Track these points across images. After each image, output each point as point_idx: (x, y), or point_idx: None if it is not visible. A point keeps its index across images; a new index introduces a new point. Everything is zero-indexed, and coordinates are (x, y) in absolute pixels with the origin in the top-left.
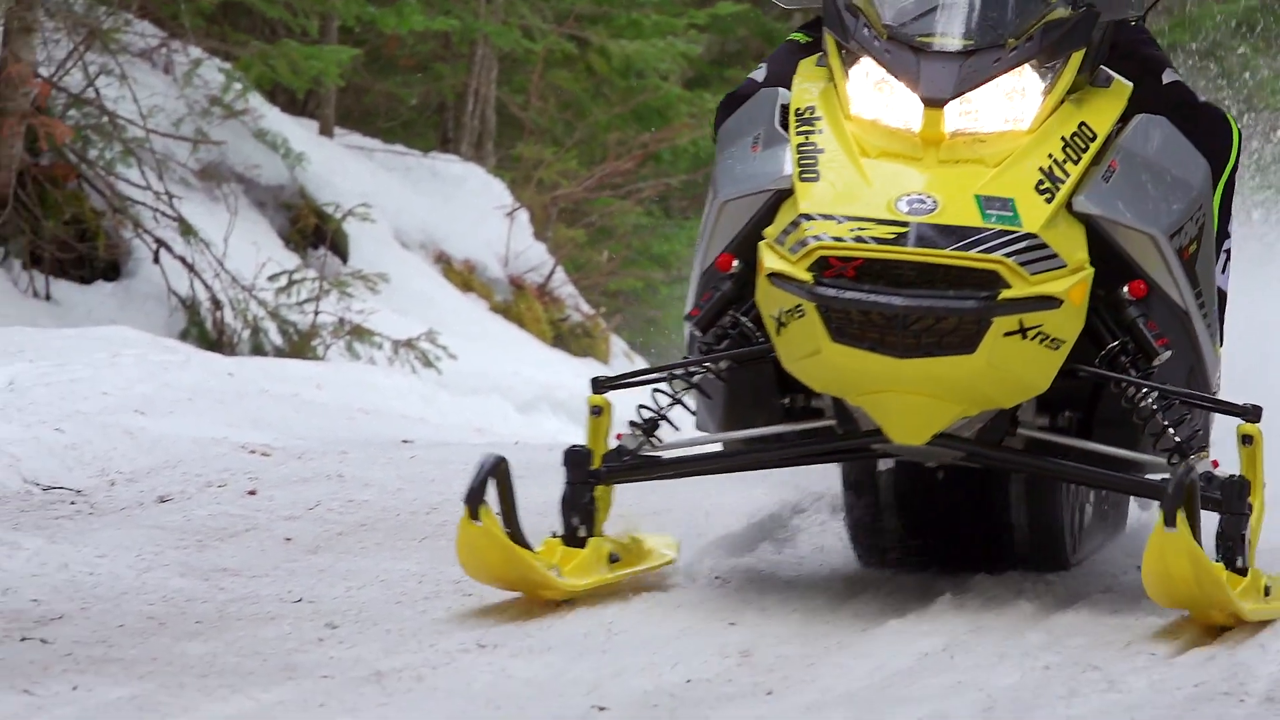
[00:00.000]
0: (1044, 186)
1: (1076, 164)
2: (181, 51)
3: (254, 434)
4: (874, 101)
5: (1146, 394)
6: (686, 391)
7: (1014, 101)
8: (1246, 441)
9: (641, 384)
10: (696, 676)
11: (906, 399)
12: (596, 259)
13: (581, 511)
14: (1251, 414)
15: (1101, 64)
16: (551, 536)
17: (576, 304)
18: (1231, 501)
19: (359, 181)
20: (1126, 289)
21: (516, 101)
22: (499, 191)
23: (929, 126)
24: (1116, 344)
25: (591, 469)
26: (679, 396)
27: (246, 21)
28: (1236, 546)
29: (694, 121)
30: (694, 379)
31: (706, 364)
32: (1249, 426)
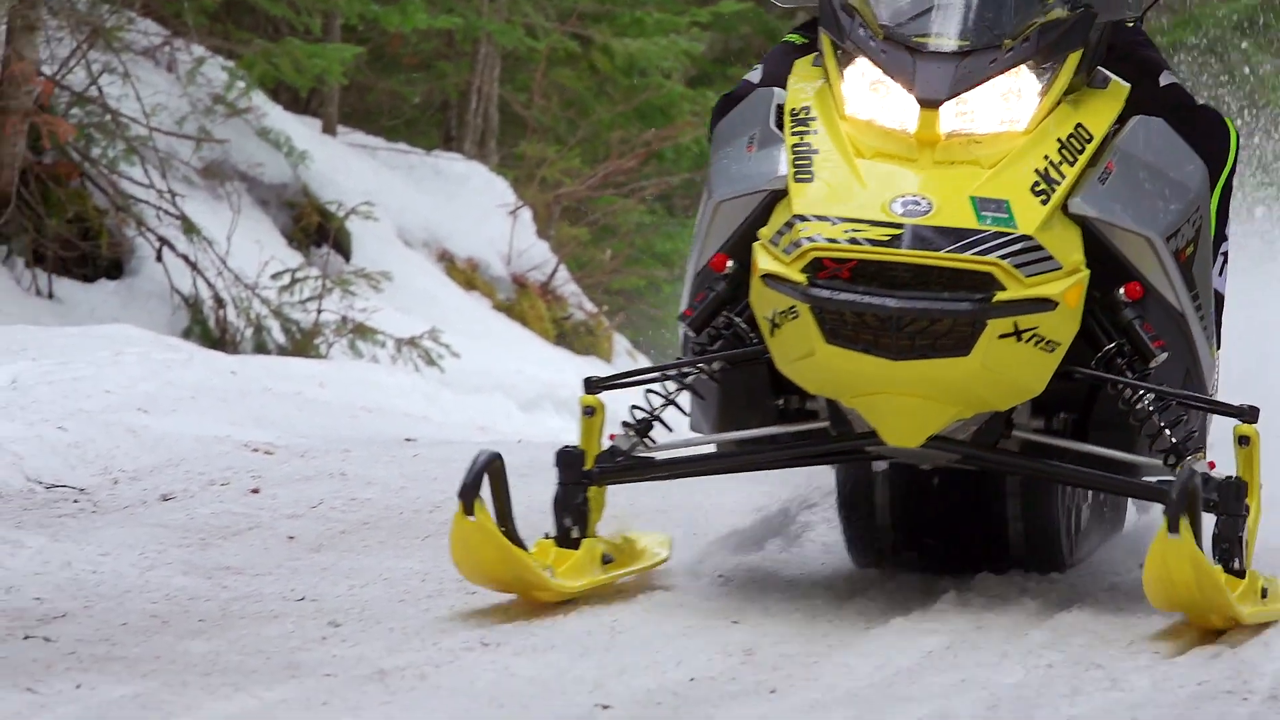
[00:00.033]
0: (1040, 188)
1: (1073, 165)
2: (184, 50)
3: (257, 432)
4: (869, 102)
5: (1143, 396)
6: (680, 392)
7: (1010, 103)
8: (1243, 443)
9: (635, 384)
10: (700, 675)
11: (901, 401)
12: (599, 257)
13: (574, 512)
14: (1248, 415)
15: (1099, 65)
16: (545, 538)
17: (579, 302)
18: (1229, 503)
19: (362, 180)
20: (1123, 291)
21: (519, 100)
22: (502, 190)
23: (924, 127)
24: (1113, 346)
25: (584, 470)
26: (672, 397)
27: (249, 20)
28: (1234, 548)
29: (697, 120)
30: (687, 380)
31: (700, 365)
32: (1246, 427)
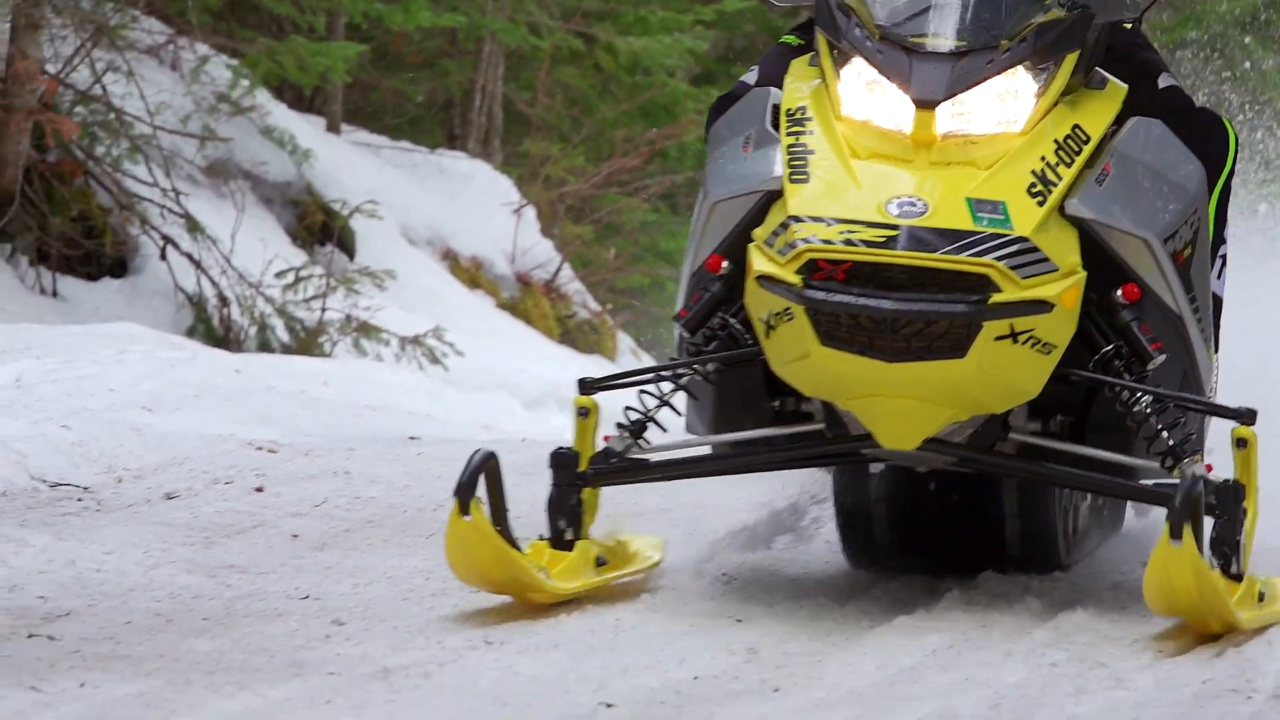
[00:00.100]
0: (1036, 189)
1: (1069, 167)
2: (188, 48)
3: (261, 431)
4: (865, 102)
5: (1140, 398)
6: (675, 394)
7: (1007, 103)
8: (1241, 445)
9: (630, 385)
10: (703, 673)
11: (896, 403)
12: (603, 256)
13: (568, 514)
14: (1246, 417)
15: (1096, 66)
16: (539, 539)
17: (583, 301)
18: (1227, 506)
19: (366, 178)
20: (1120, 293)
21: (523, 98)
22: (506, 188)
23: (920, 128)
24: (1110, 348)
25: (578, 471)
26: (667, 399)
27: (253, 18)
28: (1232, 552)
29: (701, 118)
30: (682, 381)
31: (695, 366)
32: (1244, 430)
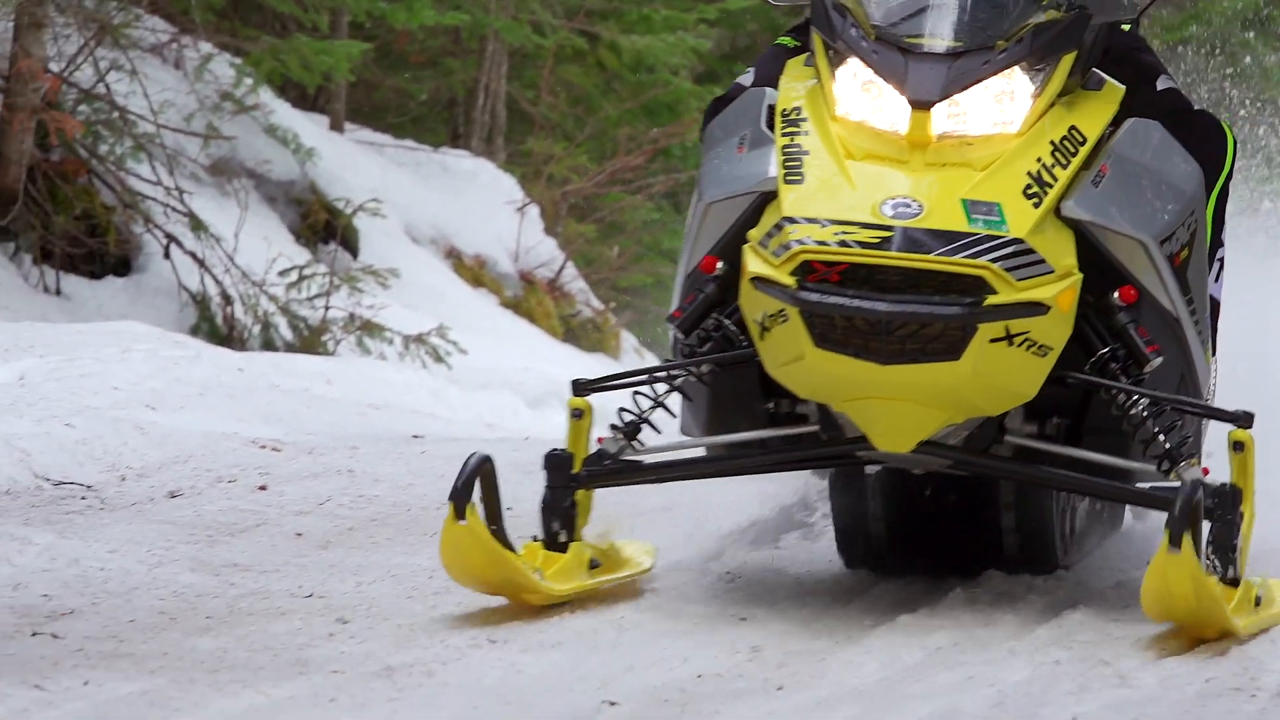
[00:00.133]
0: (1032, 191)
1: (1065, 168)
2: (192, 47)
3: (264, 429)
4: (861, 103)
5: (1137, 401)
6: (669, 395)
7: (1003, 104)
8: (1238, 448)
9: (624, 387)
10: (707, 672)
11: (891, 406)
12: (607, 254)
13: (562, 516)
14: (1243, 420)
15: (1094, 67)
16: (533, 540)
17: (587, 299)
18: (1224, 510)
19: (369, 177)
20: (1117, 295)
21: (527, 97)
22: (509, 187)
23: (916, 129)
24: (1106, 350)
25: (572, 473)
26: (661, 400)
27: (257, 17)
28: (1228, 556)
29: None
30: (676, 382)
31: (689, 368)
32: (1241, 433)
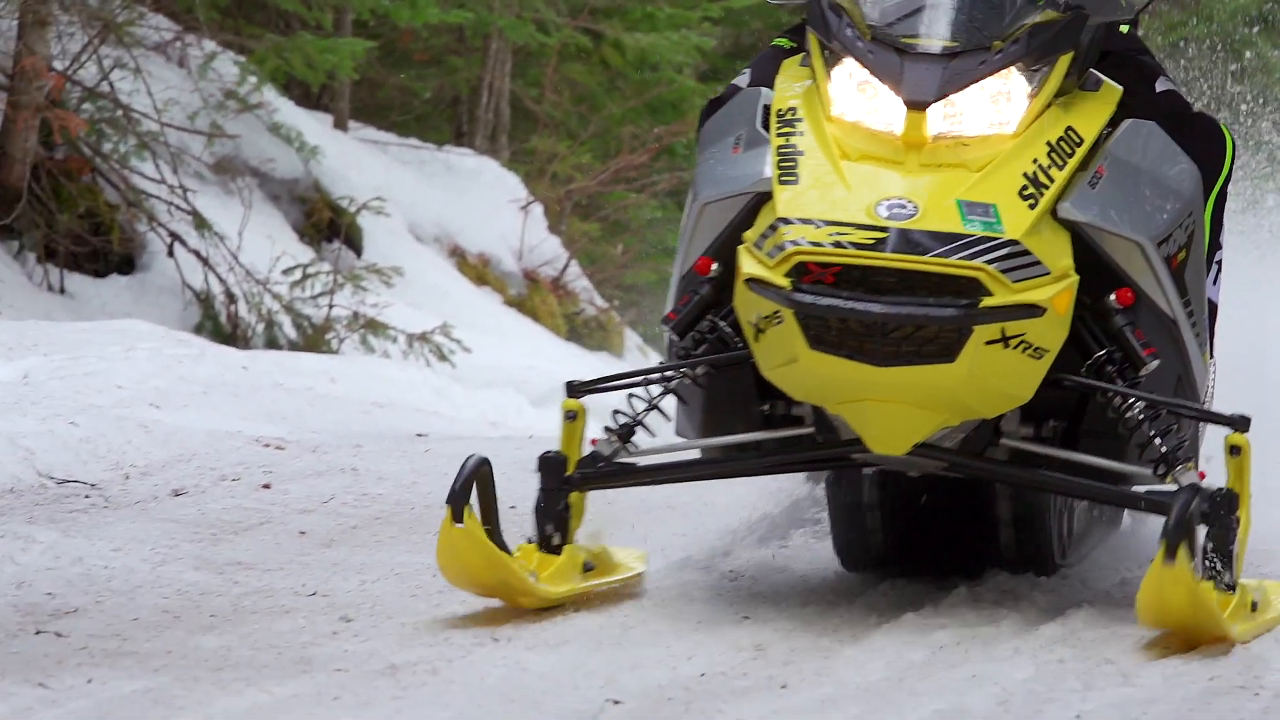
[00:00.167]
0: (1028, 192)
1: (1062, 169)
2: (196, 45)
3: (268, 427)
4: (856, 103)
5: (1133, 404)
6: (664, 397)
7: (999, 105)
8: (1234, 452)
9: (619, 389)
10: (711, 670)
11: (886, 408)
12: (611, 252)
13: (556, 518)
14: (1240, 424)
15: (1091, 68)
16: (526, 542)
17: (591, 298)
18: (1220, 515)
19: (373, 175)
20: (1113, 297)
21: (531, 95)
22: (513, 185)
23: (911, 129)
24: (1103, 353)
25: (566, 475)
26: (655, 402)
27: (261, 15)
28: (1225, 562)
29: None
30: (671, 384)
31: (684, 369)
32: (1237, 437)
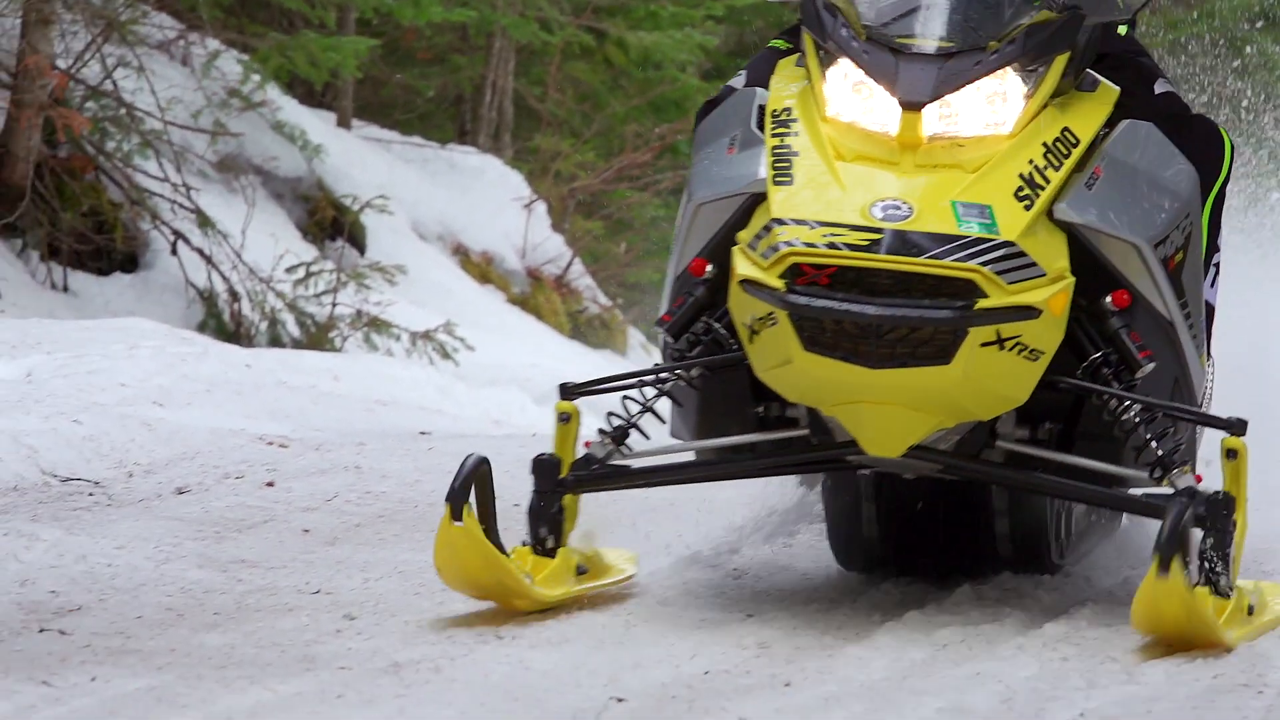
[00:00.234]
0: (1024, 193)
1: (1058, 170)
2: (199, 43)
3: (271, 425)
4: (851, 103)
5: (1129, 407)
6: (658, 399)
7: (995, 105)
8: (1231, 456)
9: (613, 391)
10: (715, 668)
11: (880, 410)
12: (614, 251)
13: (550, 521)
14: (1236, 427)
15: (1088, 69)
16: (521, 545)
17: (594, 296)
18: (1217, 520)
19: (377, 173)
20: (1109, 299)
21: (534, 93)
22: (516, 183)
23: (906, 130)
24: (1099, 355)
25: (559, 478)
26: (650, 404)
27: (264, 13)
28: (1221, 566)
29: None
30: (666, 386)
31: (679, 371)
32: (1234, 441)
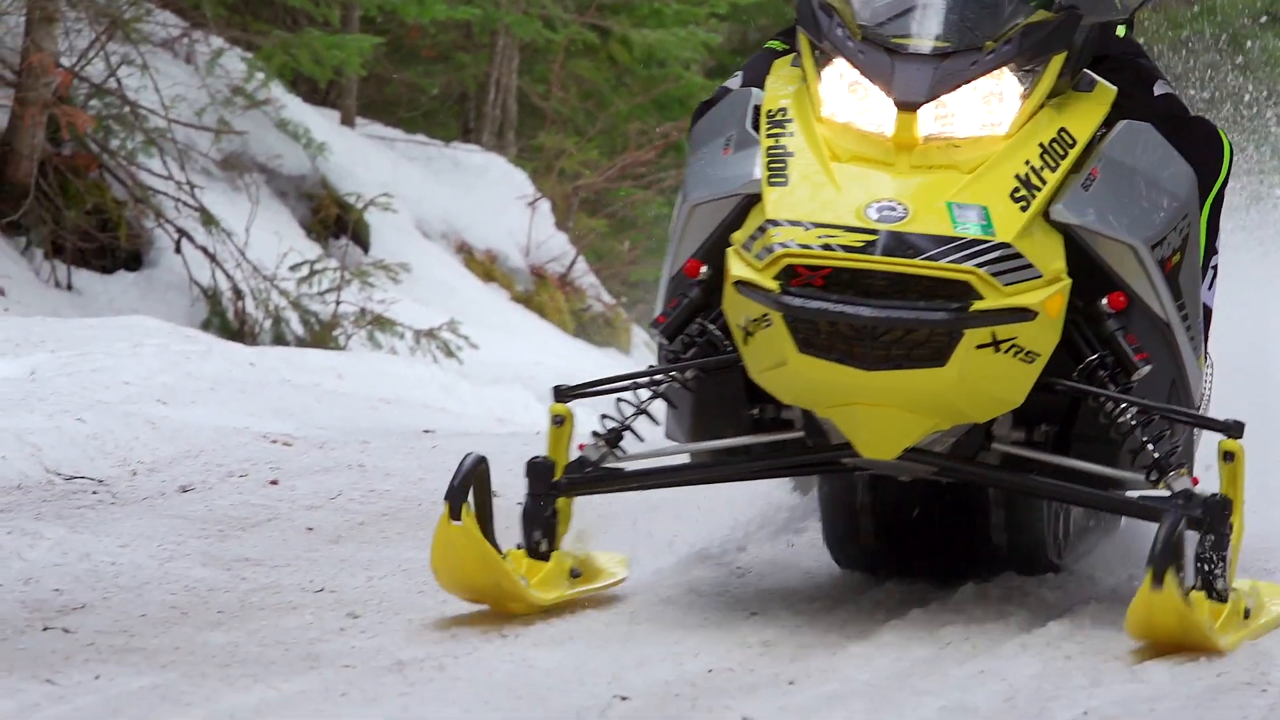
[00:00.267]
0: (1020, 194)
1: (1054, 171)
2: (203, 41)
3: (275, 424)
4: (847, 104)
5: (1125, 409)
6: (652, 401)
7: (991, 106)
8: (1228, 458)
9: (607, 393)
10: (718, 666)
11: (876, 412)
12: (618, 249)
13: (544, 524)
14: (1233, 430)
15: (1085, 69)
16: (515, 548)
17: (598, 294)
18: (1214, 522)
19: (380, 171)
20: (1106, 301)
21: (538, 91)
22: (520, 181)
23: (902, 130)
24: (1095, 357)
25: (553, 480)
26: (644, 406)
27: (268, 11)
28: (1217, 569)
29: None
30: (660, 388)
31: (673, 373)
32: (1231, 443)
